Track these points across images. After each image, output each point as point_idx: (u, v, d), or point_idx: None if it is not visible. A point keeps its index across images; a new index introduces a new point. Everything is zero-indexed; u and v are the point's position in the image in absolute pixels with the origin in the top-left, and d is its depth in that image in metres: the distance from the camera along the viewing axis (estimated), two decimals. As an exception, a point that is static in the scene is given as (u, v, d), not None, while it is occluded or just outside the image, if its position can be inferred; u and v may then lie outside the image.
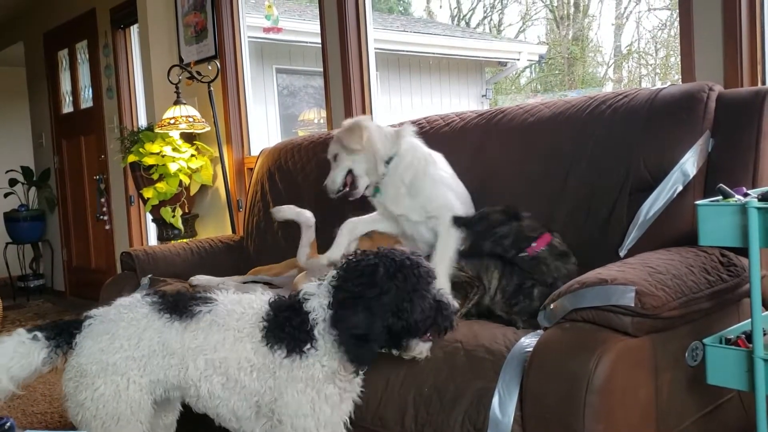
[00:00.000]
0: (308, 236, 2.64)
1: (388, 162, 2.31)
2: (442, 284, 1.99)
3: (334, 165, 2.40)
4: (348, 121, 2.41)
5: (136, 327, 1.70)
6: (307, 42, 6.40)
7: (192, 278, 2.89)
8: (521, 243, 2.05)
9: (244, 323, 1.68)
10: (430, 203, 2.25)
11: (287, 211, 2.68)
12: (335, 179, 2.37)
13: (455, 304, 1.65)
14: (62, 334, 1.74)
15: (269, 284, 2.80)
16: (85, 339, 1.72)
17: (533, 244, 2.04)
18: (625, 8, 10.26)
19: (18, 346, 1.70)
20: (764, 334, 1.55)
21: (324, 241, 2.53)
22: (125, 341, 1.68)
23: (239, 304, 1.72)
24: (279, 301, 1.71)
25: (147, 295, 1.78)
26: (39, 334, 1.72)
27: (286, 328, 1.63)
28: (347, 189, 2.38)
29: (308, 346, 1.61)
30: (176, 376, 1.69)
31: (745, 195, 1.59)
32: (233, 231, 4.24)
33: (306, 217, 2.65)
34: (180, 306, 1.73)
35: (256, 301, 1.73)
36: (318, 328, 1.61)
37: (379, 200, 2.39)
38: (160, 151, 4.21)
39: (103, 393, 1.66)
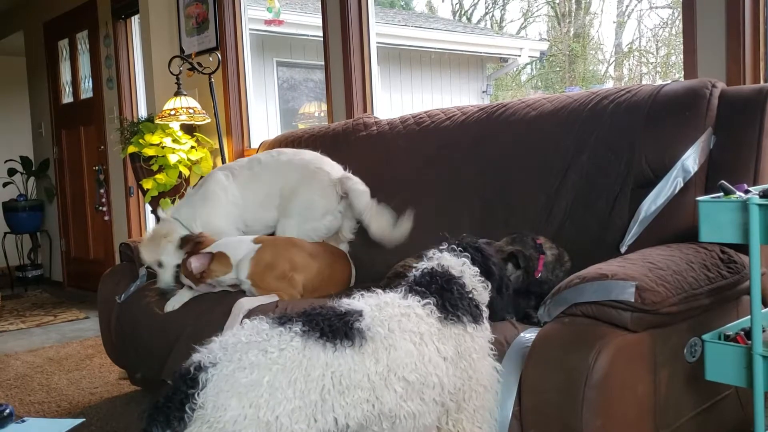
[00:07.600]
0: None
1: None
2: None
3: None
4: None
5: (298, 367, 1.35)
6: (308, 35, 6.38)
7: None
8: (530, 276, 2.03)
9: (415, 321, 1.50)
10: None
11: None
12: None
13: None
14: (172, 411, 1.34)
15: None
16: (224, 396, 1.31)
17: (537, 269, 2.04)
18: (627, 6, 10.25)
19: None
20: (763, 331, 1.55)
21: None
22: (289, 390, 1.33)
23: (389, 306, 1.52)
24: (419, 280, 1.62)
25: (281, 324, 1.42)
26: None
27: (461, 301, 1.58)
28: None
29: (483, 309, 1.62)
30: (367, 414, 1.40)
31: (746, 192, 1.59)
32: (232, 223, 4.23)
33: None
34: (339, 327, 1.42)
35: (390, 295, 1.57)
36: (471, 293, 1.63)
37: None
38: (160, 143, 4.19)
39: None
